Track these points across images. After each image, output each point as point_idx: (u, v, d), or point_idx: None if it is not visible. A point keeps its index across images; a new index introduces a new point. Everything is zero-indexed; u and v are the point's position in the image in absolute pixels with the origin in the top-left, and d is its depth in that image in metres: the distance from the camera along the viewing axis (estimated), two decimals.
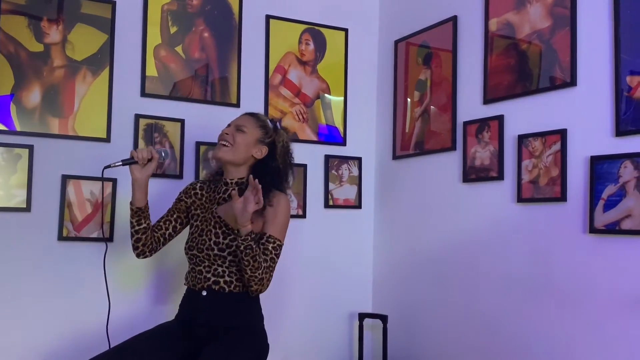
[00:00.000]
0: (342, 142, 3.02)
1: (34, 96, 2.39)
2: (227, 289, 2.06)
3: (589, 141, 2.04)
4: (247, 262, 1.95)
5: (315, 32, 2.99)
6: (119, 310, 2.41)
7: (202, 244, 2.10)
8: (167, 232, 2.22)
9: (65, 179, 2.41)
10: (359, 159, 3.05)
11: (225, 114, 2.66)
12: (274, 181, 2.13)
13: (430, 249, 2.71)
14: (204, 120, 2.67)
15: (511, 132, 2.33)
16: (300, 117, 2.92)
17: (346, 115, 3.04)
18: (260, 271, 1.98)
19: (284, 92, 2.89)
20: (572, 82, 2.10)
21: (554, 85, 2.17)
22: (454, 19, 2.63)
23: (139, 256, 2.18)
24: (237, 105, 2.76)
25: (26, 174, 2.35)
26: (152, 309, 2.56)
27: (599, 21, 2.03)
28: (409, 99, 2.89)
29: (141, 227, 2.12)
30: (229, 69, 2.76)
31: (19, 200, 2.34)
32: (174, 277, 2.59)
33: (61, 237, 2.40)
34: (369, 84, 3.13)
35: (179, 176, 2.61)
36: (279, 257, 2.06)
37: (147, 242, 2.15)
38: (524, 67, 2.29)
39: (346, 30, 3.06)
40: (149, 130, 2.57)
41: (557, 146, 2.13)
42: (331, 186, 2.97)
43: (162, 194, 2.50)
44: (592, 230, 2.00)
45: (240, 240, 1.95)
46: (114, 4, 2.54)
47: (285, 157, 2.19)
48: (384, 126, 3.05)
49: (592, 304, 2.00)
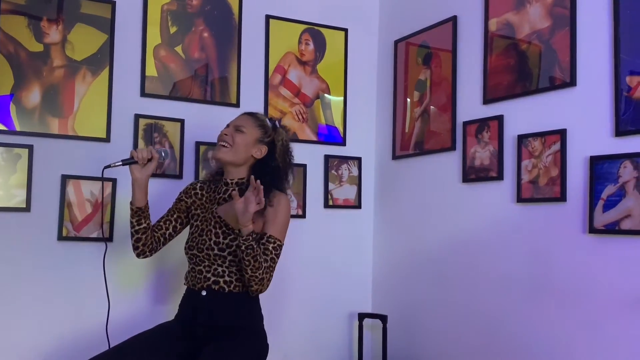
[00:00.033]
0: (342, 142, 3.02)
1: (33, 96, 2.39)
2: (227, 289, 2.06)
3: (588, 141, 2.04)
4: (247, 262, 1.95)
5: (315, 32, 2.99)
6: (119, 310, 2.41)
7: (202, 243, 2.10)
8: (167, 232, 2.22)
9: (65, 179, 2.41)
10: (359, 159, 3.05)
11: (225, 114, 2.65)
12: (274, 181, 2.13)
13: (430, 249, 2.71)
14: (203, 120, 2.67)
15: (511, 132, 2.33)
16: (300, 117, 2.92)
17: (346, 115, 3.04)
18: (260, 271, 1.98)
19: (283, 92, 2.89)
20: (572, 82, 2.10)
21: (554, 85, 2.17)
22: (453, 19, 2.63)
23: (139, 256, 2.18)
24: (237, 105, 2.76)
25: (26, 174, 2.35)
26: (151, 309, 2.56)
27: (599, 21, 2.03)
28: (408, 99, 2.89)
29: (141, 227, 2.12)
30: (229, 69, 2.76)
31: (19, 200, 2.34)
32: (173, 277, 2.59)
33: (61, 237, 2.40)
34: (369, 84, 3.13)
35: (179, 176, 2.61)
36: (279, 257, 2.06)
37: (147, 242, 2.15)
38: (524, 67, 2.29)
39: (346, 30, 3.06)
40: (149, 130, 2.57)
41: (557, 146, 2.13)
42: (331, 186, 2.98)
43: (161, 194, 2.50)
44: (592, 230, 2.00)
45: (241, 240, 1.95)
46: (113, 4, 2.54)
47: (285, 157, 2.19)
48: (384, 126, 3.05)
49: (591, 304, 2.00)
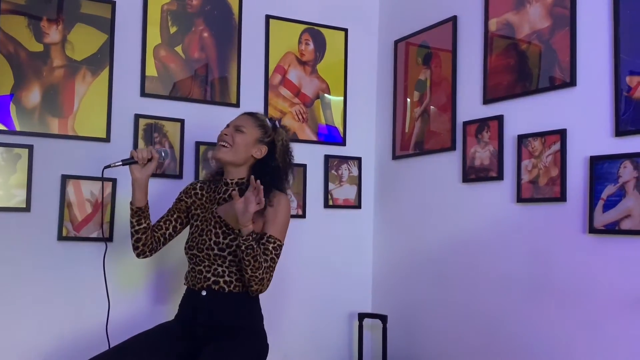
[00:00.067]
0: (342, 142, 3.02)
1: (33, 96, 2.39)
2: (227, 289, 2.06)
3: (588, 141, 2.04)
4: (247, 262, 1.95)
5: (315, 32, 2.99)
6: (119, 310, 2.41)
7: (202, 243, 2.10)
8: (167, 232, 2.22)
9: (64, 179, 2.41)
10: (359, 159, 3.05)
11: (224, 113, 2.66)
12: (274, 181, 2.13)
13: (430, 249, 2.71)
14: (203, 120, 2.67)
15: (511, 132, 2.33)
16: (299, 117, 2.92)
17: (346, 115, 3.04)
18: (260, 271, 1.98)
19: (283, 92, 2.89)
20: (572, 82, 2.10)
21: (554, 85, 2.17)
22: (453, 19, 2.63)
23: (139, 256, 2.18)
24: (237, 105, 2.76)
25: (26, 174, 2.35)
26: (151, 309, 2.56)
27: (599, 21, 2.03)
28: (408, 99, 2.89)
29: (141, 227, 2.12)
30: (229, 69, 2.76)
31: (19, 200, 2.34)
32: (173, 277, 2.59)
33: (61, 237, 2.40)
34: (369, 84, 3.13)
35: (179, 176, 2.61)
36: (279, 257, 2.06)
37: (147, 242, 2.15)
38: (524, 67, 2.29)
39: (346, 30, 3.06)
40: (149, 130, 2.57)
41: (557, 146, 2.13)
42: (331, 186, 2.98)
43: (161, 194, 2.50)
44: (592, 230, 2.00)
45: (241, 240, 1.95)
46: (113, 4, 2.54)
47: (285, 156, 2.19)
48: (384, 126, 3.05)
49: (591, 304, 2.00)
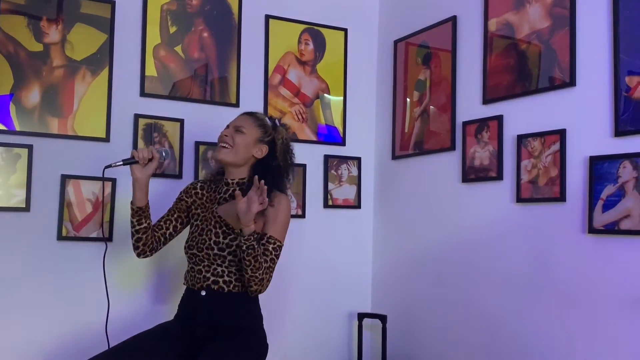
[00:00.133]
0: (342, 142, 3.03)
1: (33, 96, 2.39)
2: (227, 289, 2.06)
3: (588, 141, 2.04)
4: (248, 262, 1.95)
5: (314, 32, 2.99)
6: (119, 309, 2.41)
7: (202, 243, 2.10)
8: (168, 231, 2.22)
9: (64, 178, 2.41)
10: (359, 159, 3.05)
11: (224, 113, 2.66)
12: (274, 181, 2.12)
13: (429, 249, 2.71)
14: (203, 120, 2.67)
15: (510, 132, 2.33)
16: (299, 117, 2.92)
17: (345, 115, 3.04)
18: (260, 271, 1.98)
19: (283, 92, 2.89)
20: (572, 82, 2.10)
21: (553, 85, 2.17)
22: (453, 19, 2.63)
23: (139, 256, 2.18)
24: (237, 105, 2.76)
25: (25, 174, 2.35)
26: (151, 309, 2.56)
27: (598, 21, 2.04)
28: (408, 99, 2.89)
29: (142, 226, 2.12)
30: (229, 69, 2.76)
31: (18, 200, 2.34)
32: (173, 277, 2.59)
33: (60, 237, 2.40)
34: (369, 84, 3.13)
35: (179, 176, 2.62)
36: (278, 258, 2.06)
37: (148, 241, 2.15)
38: (524, 67, 2.29)
39: (345, 30, 3.06)
40: (149, 130, 2.57)
41: (556, 146, 2.13)
42: (330, 186, 2.98)
43: (161, 194, 2.49)
44: (591, 230, 2.00)
45: (242, 240, 1.95)
46: (113, 4, 2.54)
47: (285, 155, 2.19)
48: (383, 126, 3.05)
49: (591, 304, 2.00)
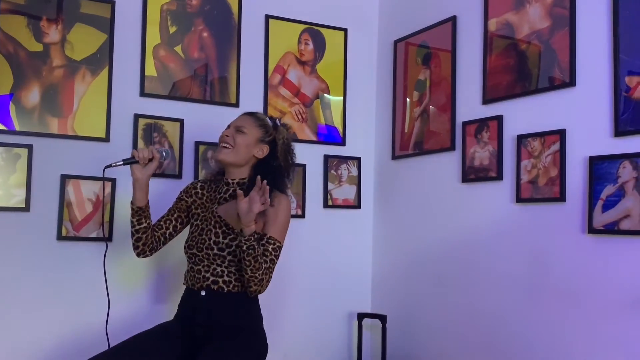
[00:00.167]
0: (342, 142, 3.03)
1: (33, 96, 2.39)
2: (226, 289, 2.06)
3: (587, 141, 2.04)
4: (248, 262, 1.95)
5: (314, 32, 2.99)
6: (118, 309, 2.41)
7: (201, 243, 2.10)
8: (168, 231, 2.22)
9: (64, 178, 2.41)
10: (358, 159, 3.05)
11: (224, 113, 2.66)
12: (275, 181, 2.12)
13: (429, 249, 2.71)
14: (203, 120, 2.67)
15: (510, 132, 2.33)
16: (299, 117, 2.92)
17: (345, 115, 3.04)
18: (260, 272, 1.98)
19: (283, 92, 2.89)
20: (571, 82, 2.10)
21: (553, 85, 2.17)
22: (453, 19, 2.63)
23: (139, 255, 2.18)
24: (237, 105, 2.76)
25: (25, 174, 2.35)
26: (151, 309, 2.56)
27: (598, 21, 2.04)
28: (408, 99, 2.89)
29: (142, 226, 2.12)
30: (228, 69, 2.76)
31: (18, 200, 2.34)
32: (173, 277, 2.59)
33: (60, 237, 2.40)
34: (368, 84, 3.13)
35: (178, 176, 2.62)
36: (278, 259, 2.06)
37: (148, 241, 2.15)
38: (523, 67, 2.29)
39: (345, 30, 3.06)
40: (148, 130, 2.57)
41: (556, 146, 2.13)
42: (330, 186, 2.98)
43: (161, 194, 2.49)
44: (591, 230, 2.00)
45: (243, 240, 1.95)
46: (113, 4, 2.54)
47: (286, 155, 2.19)
48: (383, 126, 3.05)
49: (590, 304, 2.01)
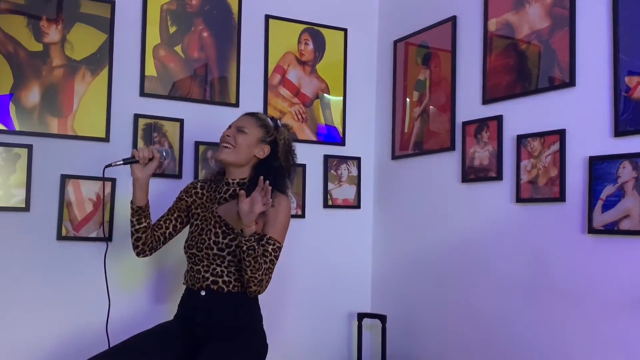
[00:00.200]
0: (341, 142, 3.03)
1: (33, 96, 2.39)
2: (226, 289, 2.06)
3: (587, 141, 2.05)
4: (248, 262, 1.95)
5: (314, 32, 2.99)
6: (118, 309, 2.41)
7: (201, 243, 2.10)
8: (168, 231, 2.22)
9: (64, 178, 2.41)
10: (358, 159, 3.06)
11: (224, 113, 2.66)
12: (276, 181, 2.12)
13: (429, 249, 2.72)
14: (203, 120, 2.67)
15: (510, 132, 2.33)
16: (299, 117, 2.93)
17: (345, 115, 3.04)
18: (260, 272, 1.98)
19: (283, 92, 2.89)
20: (571, 82, 2.11)
21: (553, 85, 2.17)
22: (453, 19, 2.64)
23: (139, 255, 2.18)
24: (236, 105, 2.76)
25: (25, 174, 2.35)
26: (151, 309, 2.56)
27: (598, 21, 2.04)
28: (408, 99, 2.89)
29: (141, 226, 2.12)
30: (228, 69, 2.76)
31: (18, 199, 2.34)
32: (173, 277, 2.59)
33: (60, 237, 2.40)
34: (368, 84, 3.13)
35: (178, 176, 2.62)
36: (278, 259, 2.05)
37: (148, 241, 2.15)
38: (523, 68, 2.29)
39: (345, 30, 3.06)
40: (148, 130, 2.57)
41: (556, 146, 2.13)
42: (330, 186, 2.98)
43: (161, 194, 2.49)
44: (591, 230, 2.00)
45: (243, 240, 1.95)
46: (113, 4, 2.54)
47: (287, 155, 2.19)
48: (383, 126, 3.05)
49: (590, 304, 2.01)
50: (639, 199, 1.87)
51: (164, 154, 2.17)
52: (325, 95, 3.01)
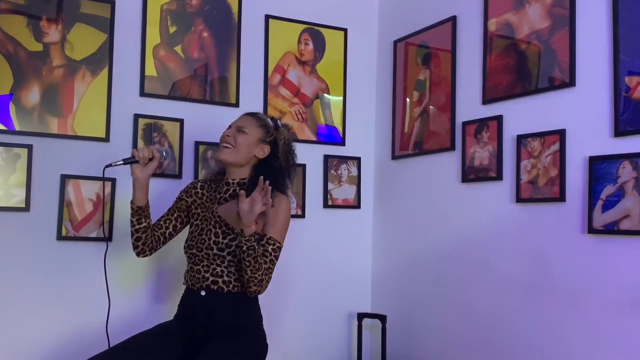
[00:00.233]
0: (341, 142, 3.03)
1: (33, 96, 2.39)
2: (226, 289, 2.06)
3: (587, 141, 2.05)
4: (248, 262, 1.95)
5: (314, 32, 2.99)
6: (118, 309, 2.41)
7: (201, 243, 2.10)
8: (168, 231, 2.22)
9: (64, 178, 2.41)
10: (358, 159, 3.06)
11: (224, 113, 2.66)
12: (276, 181, 2.12)
13: (429, 249, 2.72)
14: (203, 120, 2.67)
15: (510, 132, 2.33)
16: (299, 117, 2.93)
17: (345, 115, 3.04)
18: (260, 272, 1.98)
19: (283, 92, 2.89)
20: (571, 82, 2.11)
21: (553, 85, 2.17)
22: (453, 19, 2.64)
23: (139, 255, 2.18)
24: (236, 105, 2.76)
25: (25, 174, 2.35)
26: (151, 309, 2.56)
27: (598, 21, 2.04)
28: (408, 99, 2.89)
29: (141, 226, 2.12)
30: (228, 69, 2.76)
31: (18, 199, 2.34)
32: (173, 277, 2.59)
33: (60, 237, 2.40)
34: (368, 84, 3.13)
35: (178, 176, 2.62)
36: (278, 259, 2.05)
37: (148, 241, 2.15)
38: (523, 68, 2.29)
39: (345, 30, 3.06)
40: (148, 130, 2.57)
41: (556, 146, 2.13)
42: (330, 186, 2.98)
43: (161, 194, 2.49)
44: (591, 230, 2.00)
45: (243, 240, 1.95)
46: (113, 4, 2.54)
47: (287, 156, 2.19)
48: (383, 126, 3.05)
49: (590, 304, 2.01)
50: (639, 199, 1.87)
51: (164, 154, 2.17)
52: (325, 95, 3.01)
